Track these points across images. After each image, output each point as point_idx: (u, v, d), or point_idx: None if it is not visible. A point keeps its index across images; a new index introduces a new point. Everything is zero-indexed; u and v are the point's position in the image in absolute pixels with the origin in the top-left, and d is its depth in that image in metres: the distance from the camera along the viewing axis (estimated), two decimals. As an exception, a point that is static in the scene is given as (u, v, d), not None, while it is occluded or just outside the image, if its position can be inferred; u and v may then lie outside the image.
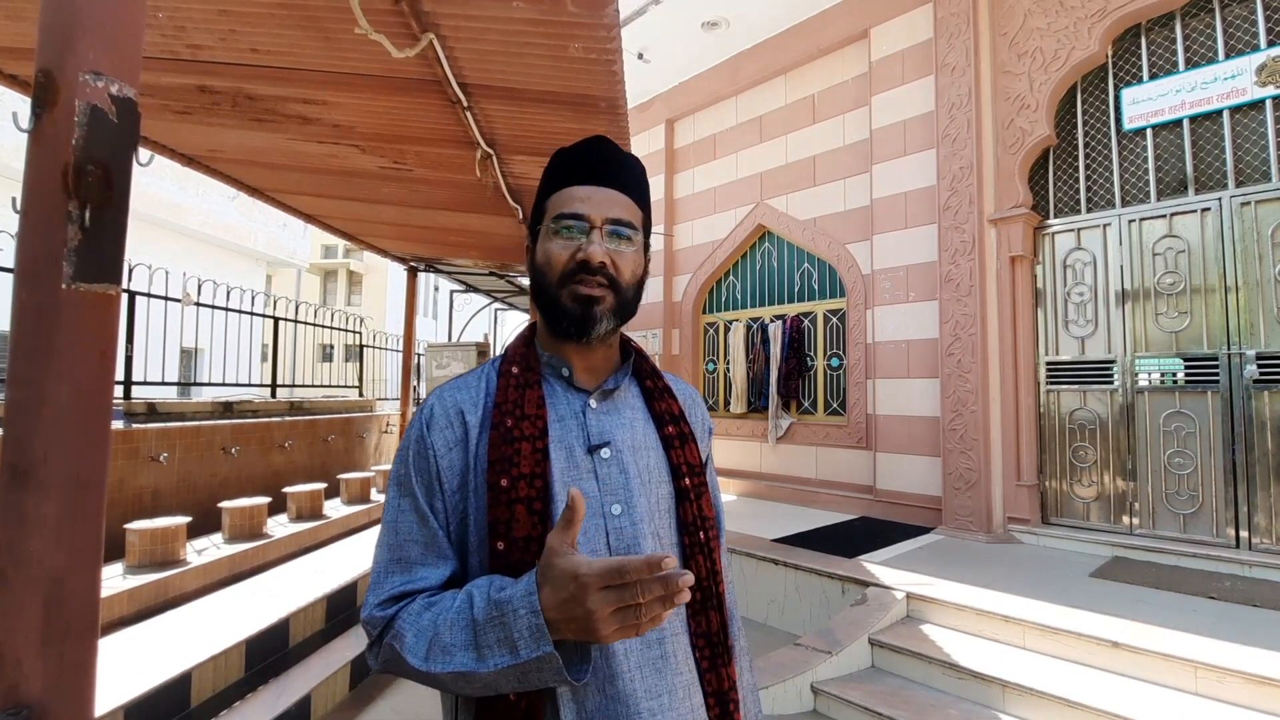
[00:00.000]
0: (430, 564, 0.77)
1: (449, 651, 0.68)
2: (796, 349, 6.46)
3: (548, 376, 0.86)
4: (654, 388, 0.91)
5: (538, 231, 0.87)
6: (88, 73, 0.78)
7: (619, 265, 0.83)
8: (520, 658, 0.64)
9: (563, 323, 0.82)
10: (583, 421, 0.83)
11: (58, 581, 0.73)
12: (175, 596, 3.38)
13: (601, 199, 0.83)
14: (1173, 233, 4.35)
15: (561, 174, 0.86)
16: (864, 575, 3.87)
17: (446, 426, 0.81)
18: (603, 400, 0.86)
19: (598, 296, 0.81)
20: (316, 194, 4.69)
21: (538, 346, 0.88)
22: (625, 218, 0.84)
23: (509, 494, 0.75)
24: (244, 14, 2.23)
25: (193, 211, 11.67)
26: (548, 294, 0.83)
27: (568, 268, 0.81)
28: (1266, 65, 3.99)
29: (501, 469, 0.76)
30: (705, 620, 0.82)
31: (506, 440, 0.77)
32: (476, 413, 0.82)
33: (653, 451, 0.85)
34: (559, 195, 0.84)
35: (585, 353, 0.86)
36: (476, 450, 0.79)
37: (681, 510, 0.84)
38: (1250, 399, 3.97)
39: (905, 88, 5.62)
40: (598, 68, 2.47)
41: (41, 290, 0.74)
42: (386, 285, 23.10)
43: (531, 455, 0.77)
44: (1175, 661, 2.72)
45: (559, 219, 0.83)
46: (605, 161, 0.86)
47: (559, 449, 0.80)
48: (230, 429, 5.23)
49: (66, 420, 0.75)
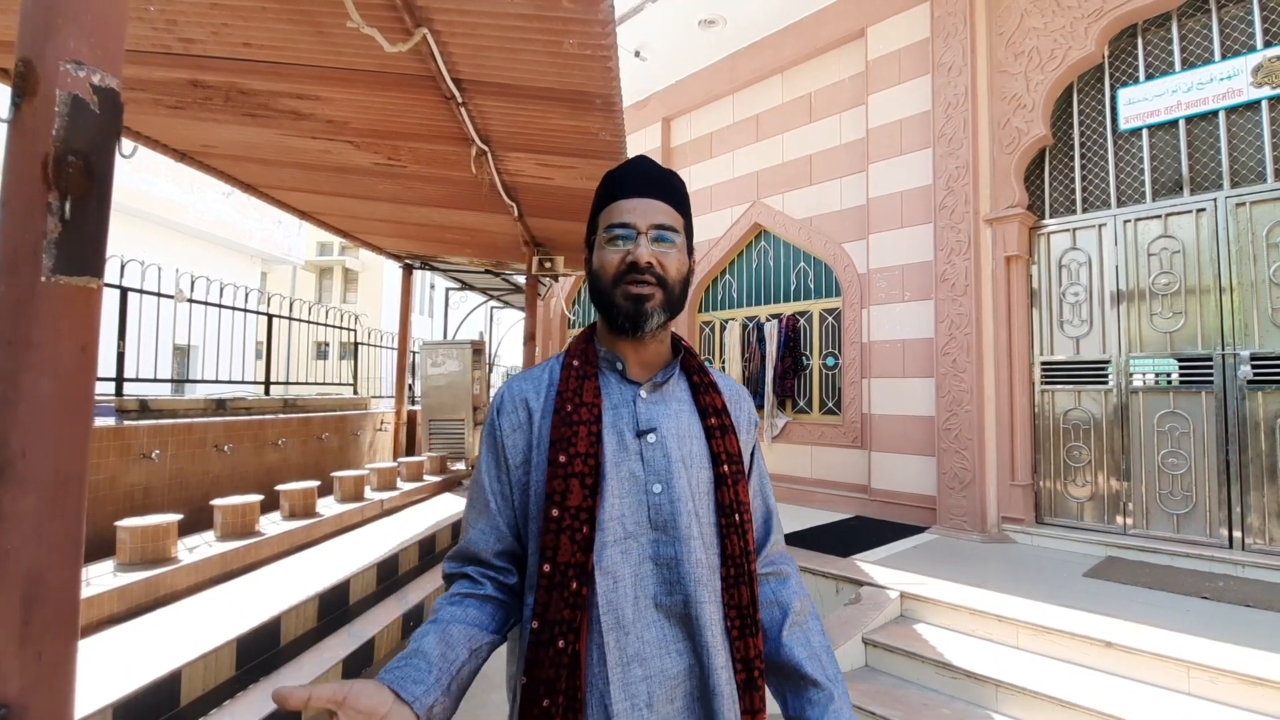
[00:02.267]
0: (487, 536, 0.94)
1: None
2: (792, 348, 6.46)
3: (604, 370, 0.98)
4: (700, 382, 1.01)
5: (593, 242, 0.99)
6: (69, 62, 0.76)
7: (665, 264, 0.94)
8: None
9: (619, 319, 0.93)
10: (633, 410, 0.94)
11: (36, 578, 0.72)
12: (166, 595, 3.35)
13: (645, 208, 0.94)
14: (1168, 233, 4.36)
15: (609, 191, 0.98)
16: (858, 574, 3.87)
17: (512, 411, 0.96)
18: (652, 392, 0.97)
19: (647, 294, 0.92)
20: (310, 190, 4.67)
21: (596, 343, 1.00)
22: (667, 222, 0.95)
23: (566, 469, 0.87)
24: (236, 8, 2.21)
25: (187, 208, 11.61)
26: (604, 295, 0.94)
27: (619, 270, 0.93)
28: (1263, 66, 4.00)
29: (561, 447, 0.88)
30: (737, 594, 0.92)
31: (566, 423, 0.90)
32: (539, 399, 0.96)
33: (695, 440, 0.95)
34: (608, 209, 0.97)
35: (639, 348, 0.97)
36: (539, 431, 0.93)
37: (719, 494, 0.94)
38: (1244, 399, 3.98)
39: (902, 87, 5.62)
40: (593, 64, 2.46)
41: (20, 283, 0.72)
42: (382, 283, 23.05)
43: (587, 437, 0.89)
44: (1168, 661, 2.73)
45: (609, 229, 0.95)
46: (646, 175, 0.98)
47: (611, 433, 0.91)
48: (223, 426, 5.20)
49: (46, 415, 0.73)
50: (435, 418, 8.18)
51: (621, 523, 0.88)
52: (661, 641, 0.86)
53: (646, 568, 0.88)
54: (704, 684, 0.87)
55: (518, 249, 6.34)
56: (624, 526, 0.88)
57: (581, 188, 4.22)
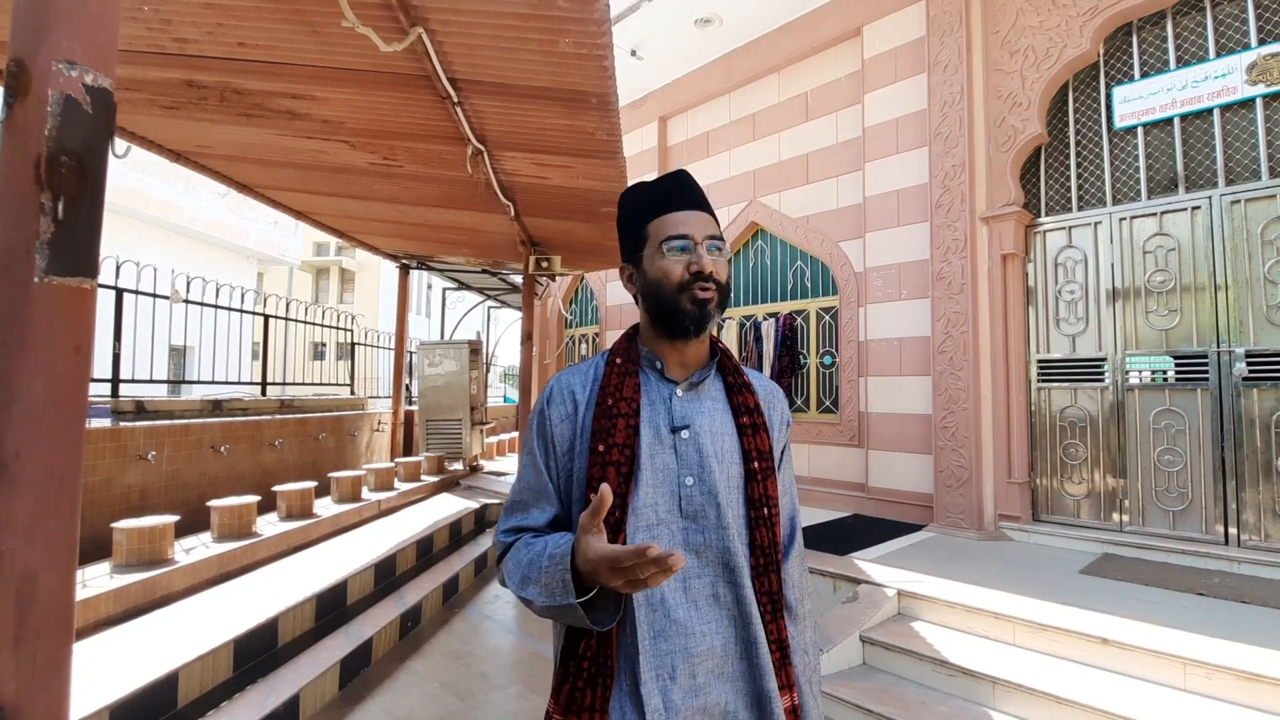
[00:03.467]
0: (540, 507, 1.02)
1: (525, 585, 0.92)
2: (789, 347, 6.46)
3: (644, 368, 1.05)
4: (735, 383, 1.07)
5: (638, 258, 1.06)
6: (61, 62, 0.76)
7: (718, 271, 1.02)
8: (556, 601, 0.88)
9: (684, 323, 1.00)
10: (669, 407, 1.02)
11: (30, 580, 0.72)
12: (163, 596, 3.35)
13: (698, 221, 1.02)
14: (1163, 231, 4.37)
15: (655, 204, 1.05)
16: (855, 573, 3.88)
17: (561, 403, 1.03)
18: (688, 391, 1.04)
19: (709, 298, 1.00)
20: (306, 190, 4.66)
21: (639, 343, 1.07)
22: (718, 233, 1.04)
23: (604, 457, 0.95)
24: (231, 7, 2.21)
25: (183, 209, 11.58)
26: (668, 301, 1.00)
27: (683, 279, 0.99)
28: (1257, 64, 4.01)
29: (600, 438, 0.96)
30: (767, 581, 0.99)
31: (606, 415, 0.98)
32: (585, 392, 1.04)
33: (728, 437, 1.02)
34: (660, 222, 1.03)
35: (680, 349, 1.04)
36: (583, 421, 1.01)
37: (749, 489, 1.01)
38: (1239, 397, 4.00)
39: (898, 85, 5.63)
40: (589, 63, 2.46)
41: (13, 284, 0.72)
42: (379, 283, 23.02)
43: (625, 429, 0.96)
44: (1164, 658, 2.74)
45: (668, 240, 1.01)
46: (691, 190, 1.06)
47: (648, 427, 0.99)
48: (220, 427, 5.19)
49: (40, 416, 0.73)
50: (433, 418, 8.17)
51: (654, 510, 0.96)
52: (689, 621, 0.93)
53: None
54: (742, 658, 0.95)
55: (514, 248, 6.33)
56: (656, 514, 0.96)
57: (578, 187, 4.22)
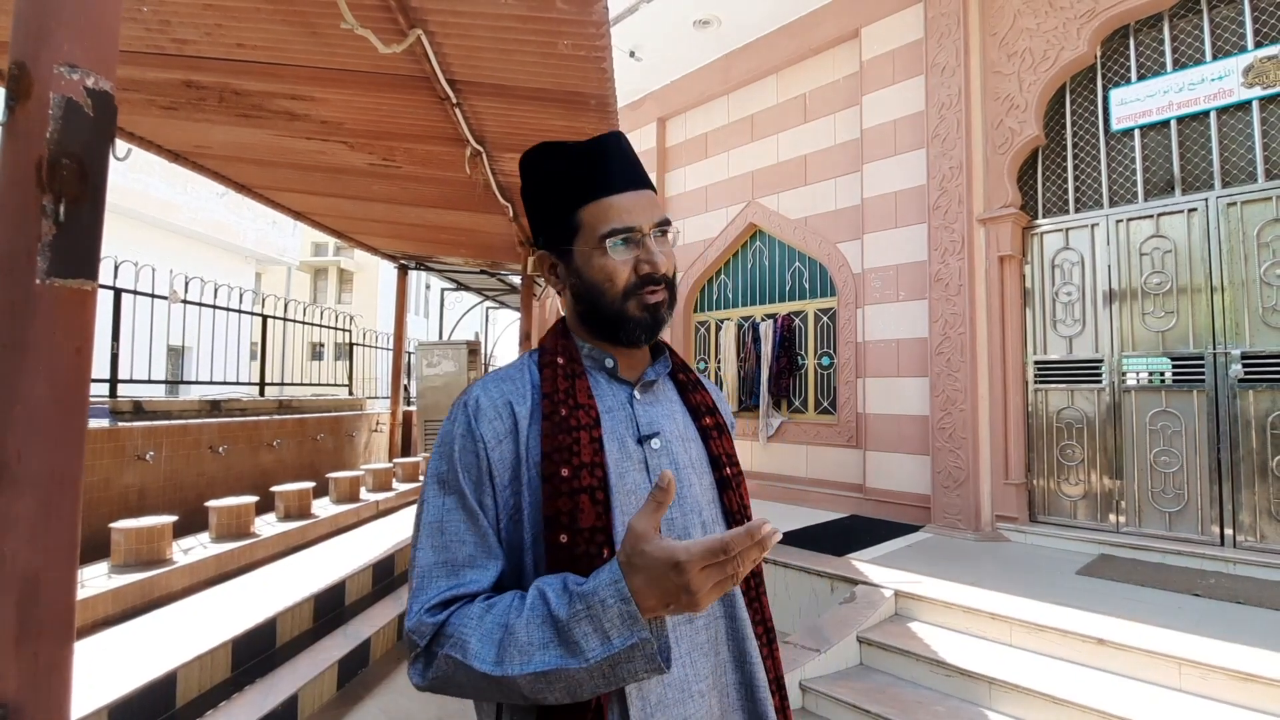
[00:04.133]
0: (480, 565, 0.74)
1: (527, 651, 0.64)
2: (787, 348, 6.47)
3: (590, 369, 0.87)
4: (688, 380, 0.93)
5: (568, 251, 0.85)
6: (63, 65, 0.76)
7: (668, 264, 0.85)
8: (614, 647, 0.61)
9: (634, 332, 0.83)
10: (630, 413, 0.84)
11: (32, 580, 0.72)
12: (161, 596, 3.35)
13: (644, 205, 0.83)
14: (1160, 233, 4.38)
15: (589, 183, 0.83)
16: (853, 573, 3.89)
17: (496, 418, 0.78)
18: (645, 392, 0.87)
19: (661, 300, 0.83)
20: (305, 191, 4.66)
21: (575, 340, 0.88)
22: (664, 217, 0.85)
23: (571, 483, 0.73)
24: (230, 8, 2.21)
25: (181, 209, 11.57)
26: (610, 309, 0.83)
27: (630, 282, 0.82)
28: (1254, 66, 4.03)
29: (560, 459, 0.75)
30: (760, 606, 0.85)
31: (563, 430, 0.76)
32: (525, 404, 0.80)
33: (693, 443, 0.87)
34: (598, 208, 0.82)
35: (625, 347, 0.87)
36: (528, 441, 0.78)
37: (725, 499, 0.86)
38: (1235, 398, 4.01)
39: (895, 87, 5.64)
40: (587, 65, 2.47)
41: (15, 286, 0.73)
42: (378, 283, 23.00)
43: (589, 445, 0.76)
44: (1159, 658, 2.75)
45: (612, 235, 0.81)
46: (631, 162, 0.86)
47: (611, 440, 0.80)
48: (218, 428, 5.19)
49: (41, 418, 0.74)
50: (431, 418, 8.17)
51: None
52: (686, 680, 0.76)
53: None
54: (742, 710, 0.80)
55: (513, 249, 6.34)
56: None
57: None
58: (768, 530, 0.59)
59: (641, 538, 0.62)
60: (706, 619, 0.79)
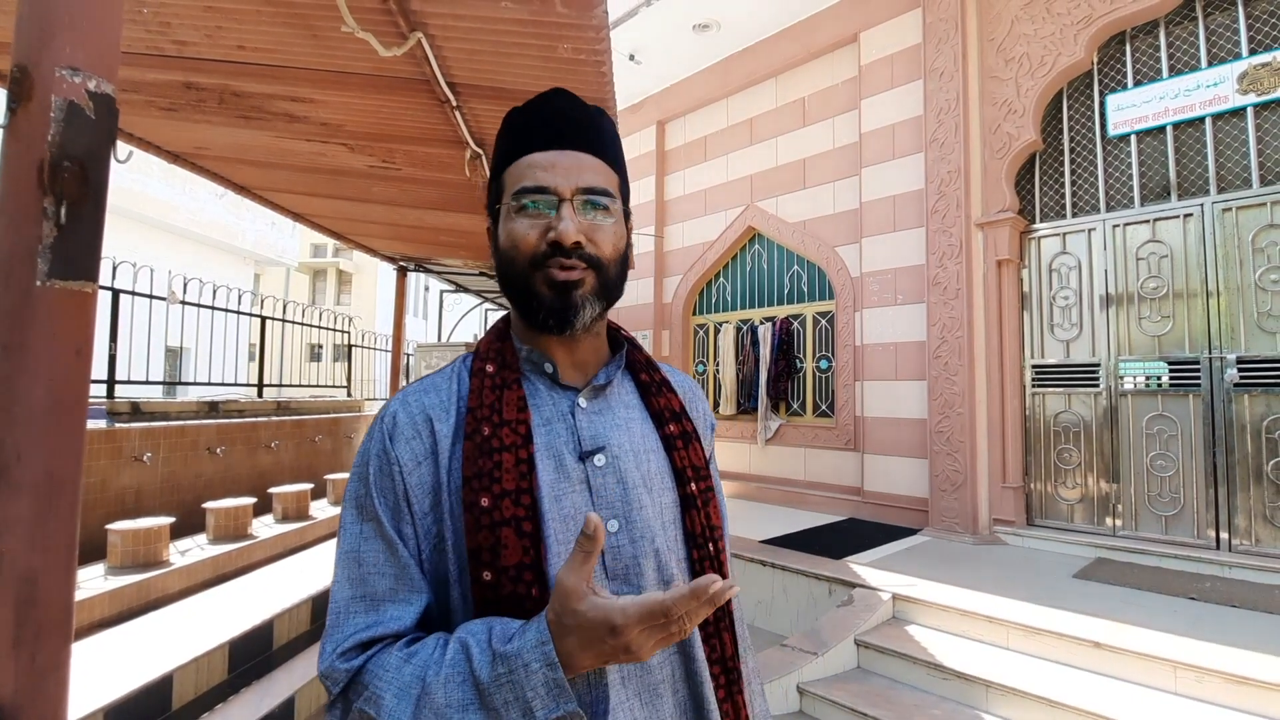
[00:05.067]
0: (402, 599, 0.65)
1: (444, 715, 0.57)
2: (786, 351, 6.48)
3: (528, 374, 0.75)
4: (650, 381, 0.81)
5: (498, 212, 0.74)
6: (65, 68, 0.77)
7: (597, 240, 0.71)
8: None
9: (539, 314, 0.71)
10: (571, 425, 0.73)
11: (30, 582, 0.72)
12: (158, 598, 3.34)
13: (569, 165, 0.71)
14: (1156, 238, 4.40)
15: (516, 139, 0.73)
16: (850, 576, 3.89)
17: (414, 437, 0.69)
18: (593, 399, 0.76)
19: (576, 280, 0.70)
20: (305, 192, 4.66)
21: (514, 340, 0.77)
22: (599, 184, 0.72)
23: (491, 515, 0.64)
24: (230, 10, 2.22)
25: (180, 209, 11.56)
26: (517, 283, 0.72)
27: (538, 251, 0.70)
28: (1248, 73, 4.05)
29: (480, 486, 0.65)
30: (719, 643, 0.74)
31: (484, 452, 0.67)
32: (448, 420, 0.71)
33: (653, 455, 0.76)
34: (517, 166, 0.72)
35: (570, 346, 0.76)
36: (450, 464, 0.68)
37: (688, 520, 0.75)
38: (1231, 402, 4.03)
39: (894, 92, 5.66)
40: (587, 68, 2.47)
41: (15, 287, 0.73)
42: (376, 285, 23.00)
43: (515, 468, 0.66)
44: (1155, 661, 2.75)
45: (520, 194, 0.70)
46: (567, 119, 0.73)
47: (546, 458, 0.70)
48: (216, 429, 5.18)
49: (40, 419, 0.74)
50: (429, 420, 8.16)
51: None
52: None
53: None
54: None
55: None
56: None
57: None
58: (717, 589, 0.52)
59: (570, 595, 0.55)
60: (661, 656, 0.69)
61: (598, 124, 0.75)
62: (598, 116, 0.76)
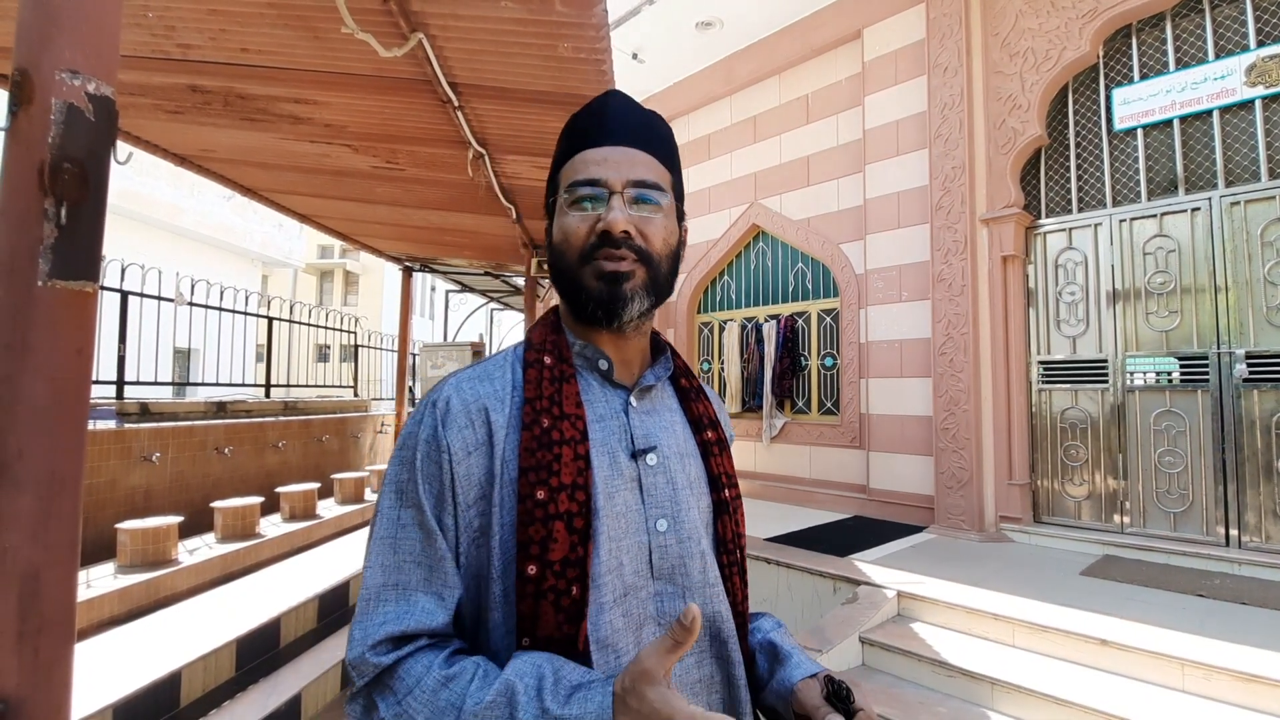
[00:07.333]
0: (434, 593, 0.64)
1: None
2: (790, 348, 6.47)
3: (581, 370, 0.76)
4: (690, 387, 0.82)
5: (553, 207, 0.76)
6: (64, 71, 0.78)
7: (647, 233, 0.71)
8: None
9: (589, 306, 0.71)
10: (625, 423, 0.73)
11: (33, 578, 0.74)
12: (166, 596, 3.37)
13: (620, 159, 0.72)
14: (1163, 232, 4.37)
15: (573, 139, 0.75)
16: (855, 574, 3.88)
17: (467, 425, 0.68)
18: (642, 398, 0.77)
19: (625, 272, 0.70)
20: (310, 194, 4.69)
21: (567, 334, 0.77)
22: (649, 178, 0.72)
23: (546, 508, 0.64)
24: (234, 13, 2.23)
25: (187, 212, 11.65)
26: (568, 275, 0.72)
27: (588, 243, 0.70)
28: (1256, 65, 4.01)
29: (538, 479, 0.65)
30: (745, 647, 0.75)
31: (544, 444, 0.66)
32: (504, 410, 0.69)
33: (692, 459, 0.77)
34: (571, 163, 0.74)
35: (620, 343, 0.76)
36: (504, 455, 0.67)
37: (720, 525, 0.76)
38: (1239, 398, 3.99)
39: (898, 88, 5.63)
40: (587, 67, 2.48)
41: (17, 287, 0.74)
42: (383, 285, 23.09)
43: (574, 462, 0.66)
44: (1163, 659, 2.74)
45: (573, 188, 0.72)
46: (620, 117, 0.75)
47: (601, 454, 0.70)
48: (223, 429, 5.22)
49: (42, 417, 0.75)
50: (435, 420, 8.19)
51: (619, 575, 0.67)
52: None
53: (649, 631, 0.68)
54: None
55: (516, 251, 6.35)
56: (622, 580, 0.67)
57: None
58: None
59: (645, 676, 0.54)
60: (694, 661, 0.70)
61: (651, 123, 0.77)
62: (652, 117, 0.78)
